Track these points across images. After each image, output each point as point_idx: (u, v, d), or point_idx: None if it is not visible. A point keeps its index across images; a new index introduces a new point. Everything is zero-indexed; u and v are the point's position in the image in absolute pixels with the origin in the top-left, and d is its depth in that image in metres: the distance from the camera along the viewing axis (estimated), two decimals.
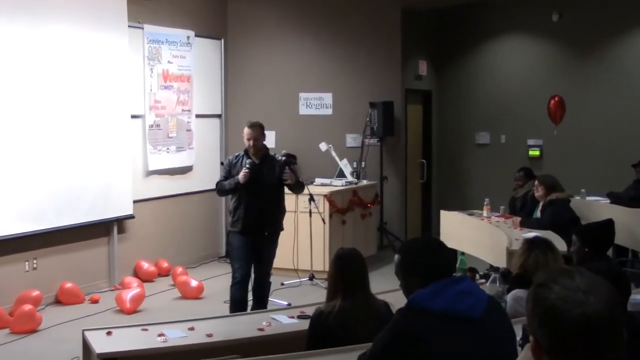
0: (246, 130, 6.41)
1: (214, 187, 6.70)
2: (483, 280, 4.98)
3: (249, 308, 6.42)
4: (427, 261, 2.73)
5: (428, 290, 2.58)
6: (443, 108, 11.79)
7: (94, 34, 8.20)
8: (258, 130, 6.39)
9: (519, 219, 7.68)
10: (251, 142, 6.38)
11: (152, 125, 9.13)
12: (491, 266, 6.12)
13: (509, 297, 4.23)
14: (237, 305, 6.41)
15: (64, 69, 7.89)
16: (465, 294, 2.59)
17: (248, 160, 6.33)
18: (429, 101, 11.68)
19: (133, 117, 8.80)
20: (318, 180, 9.43)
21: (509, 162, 10.63)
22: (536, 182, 7.70)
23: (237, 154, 6.51)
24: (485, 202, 8.24)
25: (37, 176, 7.63)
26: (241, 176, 6.26)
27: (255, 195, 6.31)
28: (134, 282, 8.23)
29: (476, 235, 7.51)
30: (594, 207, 8.30)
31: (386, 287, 5.86)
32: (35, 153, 7.59)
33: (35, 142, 7.60)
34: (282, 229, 6.66)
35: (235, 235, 6.42)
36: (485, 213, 8.14)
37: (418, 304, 2.57)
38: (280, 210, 6.55)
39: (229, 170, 6.41)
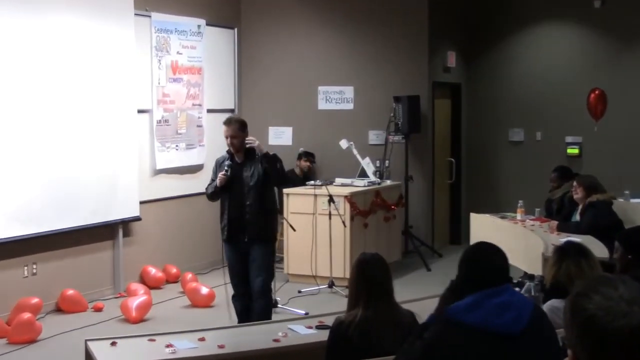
0: (223, 128, 6.30)
1: None
2: (517, 289, 4.94)
3: None
4: (468, 269, 2.74)
5: (466, 302, 2.57)
6: (473, 102, 11.74)
7: (97, 22, 8.24)
8: (235, 126, 6.26)
9: (555, 222, 7.64)
10: (228, 141, 6.28)
11: (160, 121, 9.16)
12: (525, 274, 6.06)
13: (545, 307, 4.20)
14: (241, 316, 6.43)
15: (66, 60, 7.93)
16: (505, 307, 2.56)
17: (227, 162, 6.26)
18: (458, 95, 11.63)
19: (140, 112, 8.84)
20: (338, 180, 9.42)
21: (545, 161, 10.55)
22: (575, 183, 7.65)
23: (224, 153, 6.41)
24: (519, 204, 8.20)
25: (37, 175, 7.65)
26: (218, 180, 6.21)
27: (237, 197, 6.22)
28: (140, 288, 8.25)
29: (509, 240, 7.47)
30: (639, 209, 8.23)
31: (412, 295, 5.84)
32: (34, 150, 7.63)
33: (34, 139, 7.63)
34: (272, 235, 6.46)
35: (224, 244, 6.37)
36: (519, 216, 8.12)
37: (453, 316, 2.55)
38: (267, 213, 6.31)
39: (216, 172, 6.36)
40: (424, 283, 8.74)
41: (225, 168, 6.20)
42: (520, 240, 7.38)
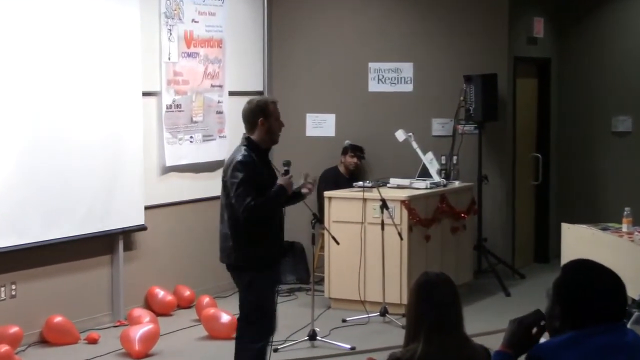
0: (275, 107, 6.23)
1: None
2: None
3: None
4: (569, 298, 2.68)
5: (561, 339, 2.52)
6: (566, 82, 11.67)
7: None
8: None
9: None
10: (275, 125, 6.22)
11: (170, 106, 9.18)
12: (634, 301, 6.01)
13: None
14: None
15: (53, 32, 7.95)
16: (613, 350, 2.51)
17: (286, 161, 6.25)
18: (546, 73, 11.58)
19: (145, 94, 8.85)
20: (393, 182, 9.38)
21: None
22: None
23: (245, 151, 6.10)
24: (625, 213, 8.12)
25: (19, 174, 7.65)
26: (287, 185, 6.10)
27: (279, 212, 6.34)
28: (145, 315, 8.25)
29: (612, 258, 7.36)
30: None
31: (486, 326, 5.81)
32: (15, 144, 7.63)
33: (15, 130, 7.64)
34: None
35: (260, 277, 6.15)
36: (625, 227, 8.04)
37: (536, 355, 2.49)
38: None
39: (253, 178, 6.03)
40: (502, 311, 8.66)
41: (287, 168, 6.17)
42: (626, 257, 7.33)
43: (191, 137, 9.44)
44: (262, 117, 6.11)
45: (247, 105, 6.23)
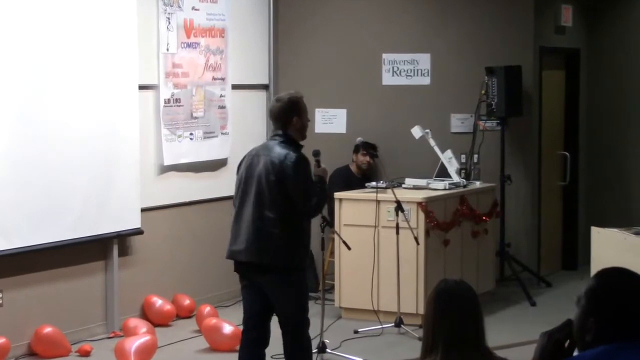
0: (304, 103, 6.58)
1: None
2: None
3: None
4: (602, 307, 2.68)
5: (592, 354, 2.45)
6: (597, 75, 11.67)
7: None
8: None
9: None
10: (307, 122, 6.68)
11: (169, 100, 9.19)
12: None
13: None
14: None
15: (42, 19, 7.92)
16: None
17: (316, 151, 6.66)
18: (575, 65, 11.60)
19: (142, 88, 8.86)
20: (409, 182, 9.39)
21: None
22: None
23: (293, 147, 6.42)
24: None
25: (4, 173, 7.64)
26: (326, 175, 6.65)
27: None
28: (141, 326, 8.26)
29: None
30: None
31: (510, 338, 5.79)
32: (2, 142, 7.62)
33: (0, 126, 7.63)
34: None
35: (306, 275, 6.77)
36: None
37: None
38: None
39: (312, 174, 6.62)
40: (527, 322, 8.71)
41: (316, 157, 6.59)
42: None
43: (191, 134, 9.44)
44: (295, 114, 6.39)
45: (278, 102, 6.47)
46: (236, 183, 6.54)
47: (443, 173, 9.49)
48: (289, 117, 6.34)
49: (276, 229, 6.24)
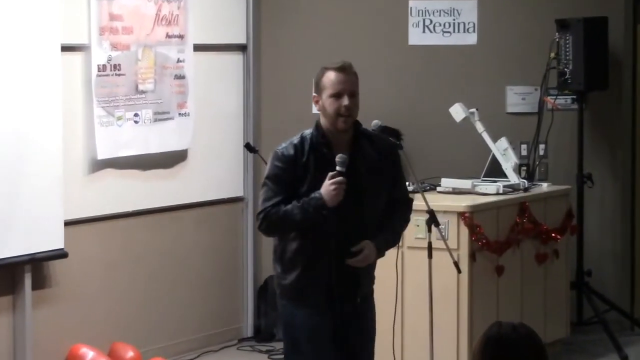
0: (333, 77, 6.49)
1: (234, 195, 6.56)
2: None
3: None
4: None
5: None
6: None
7: None
8: (354, 79, 6.61)
9: None
10: (345, 103, 6.51)
11: (104, 67, 9.27)
12: None
13: None
14: None
15: None
16: None
17: (339, 156, 6.40)
18: None
19: (65, 49, 8.95)
20: (446, 183, 9.48)
21: None
22: None
23: (295, 139, 6.51)
24: None
25: None
26: (330, 193, 6.31)
27: (345, 220, 6.44)
28: None
29: None
30: None
31: None
32: None
33: None
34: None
35: (298, 310, 6.51)
36: None
37: None
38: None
39: (289, 182, 6.43)
40: None
41: (340, 168, 6.32)
42: None
43: (136, 114, 9.54)
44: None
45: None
46: None
47: (495, 171, 9.59)
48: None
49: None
